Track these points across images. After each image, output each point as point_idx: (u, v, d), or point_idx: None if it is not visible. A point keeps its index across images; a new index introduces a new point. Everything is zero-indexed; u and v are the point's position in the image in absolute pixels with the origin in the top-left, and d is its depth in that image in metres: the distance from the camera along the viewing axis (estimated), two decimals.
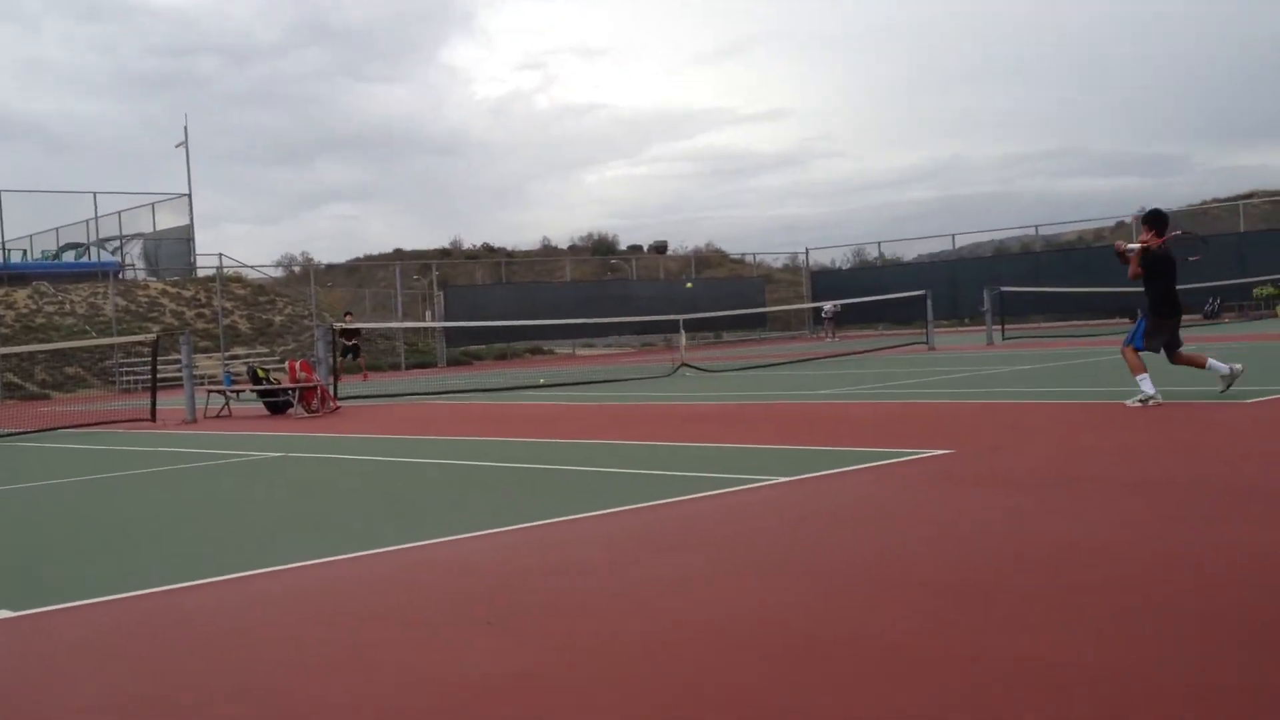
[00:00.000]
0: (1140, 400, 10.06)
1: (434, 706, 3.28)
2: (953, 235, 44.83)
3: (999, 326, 28.17)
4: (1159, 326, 10.44)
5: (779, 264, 53.15)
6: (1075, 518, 5.51)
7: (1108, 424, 9.31)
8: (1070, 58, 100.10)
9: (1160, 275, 10.42)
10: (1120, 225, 40.84)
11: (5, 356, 27.48)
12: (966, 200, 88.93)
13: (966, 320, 39.07)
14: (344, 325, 26.52)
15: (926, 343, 26.79)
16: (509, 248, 64.50)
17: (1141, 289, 10.64)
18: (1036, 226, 43.07)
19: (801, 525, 5.84)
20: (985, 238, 47.71)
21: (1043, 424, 9.91)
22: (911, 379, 16.33)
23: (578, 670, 3.52)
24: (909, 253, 48.06)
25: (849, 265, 49.54)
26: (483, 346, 37.77)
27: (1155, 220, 10.55)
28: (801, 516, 6.09)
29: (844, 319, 40.15)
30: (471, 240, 67.38)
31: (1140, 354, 10.37)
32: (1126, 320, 22.87)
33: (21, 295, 33.47)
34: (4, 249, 36.78)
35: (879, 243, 47.70)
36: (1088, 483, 6.51)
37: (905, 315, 36.82)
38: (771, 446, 9.31)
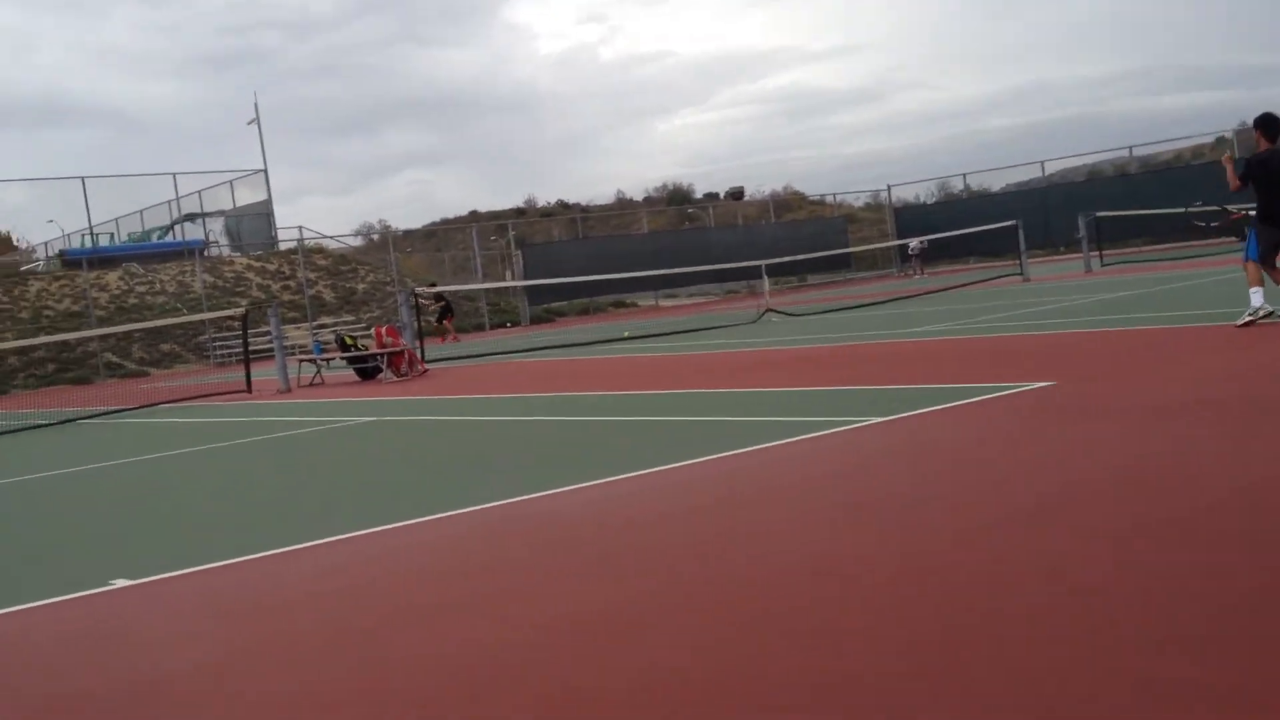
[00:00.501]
0: (1250, 315, 9.60)
1: (534, 645, 3.16)
2: (1041, 162, 43.20)
3: (1096, 253, 27.24)
4: (1261, 233, 10.15)
5: (860, 203, 52.21)
6: (1185, 448, 5.19)
7: (1214, 348, 8.85)
8: None
9: (1260, 182, 10.04)
10: (1220, 141, 39.07)
11: (104, 337, 28.25)
12: (1055, 124, 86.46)
13: (1062, 249, 37.85)
14: (432, 291, 26.96)
15: (1021, 274, 26.05)
16: (584, 203, 64.42)
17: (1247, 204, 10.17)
18: (1130, 148, 41.42)
19: (910, 464, 5.61)
20: (1076, 162, 46.00)
21: (1145, 351, 9.48)
22: (1007, 312, 15.83)
23: (678, 604, 3.37)
24: (996, 183, 46.67)
25: (934, 199, 48.36)
26: (564, 303, 37.78)
27: (1266, 124, 10.09)
28: (908, 456, 5.85)
29: (931, 255, 39.29)
30: (546, 198, 67.49)
31: (1257, 265, 9.98)
32: (1232, 239, 21.85)
33: (113, 278, 34.30)
34: (93, 234, 37.64)
35: (964, 174, 46.37)
36: (1198, 408, 6.15)
37: (996, 248, 35.87)
38: (867, 387, 9.04)
